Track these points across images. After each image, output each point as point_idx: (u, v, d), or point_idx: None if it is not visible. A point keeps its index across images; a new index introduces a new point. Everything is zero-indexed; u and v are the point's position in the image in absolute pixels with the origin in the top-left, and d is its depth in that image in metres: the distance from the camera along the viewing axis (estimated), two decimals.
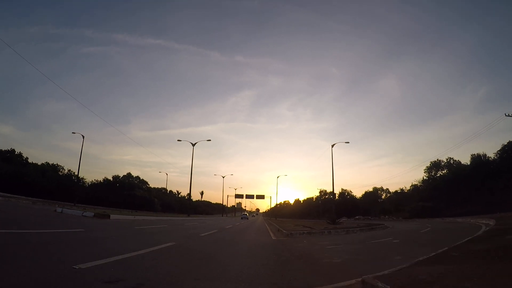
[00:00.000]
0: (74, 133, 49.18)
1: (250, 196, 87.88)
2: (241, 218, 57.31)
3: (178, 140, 44.82)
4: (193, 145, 44.31)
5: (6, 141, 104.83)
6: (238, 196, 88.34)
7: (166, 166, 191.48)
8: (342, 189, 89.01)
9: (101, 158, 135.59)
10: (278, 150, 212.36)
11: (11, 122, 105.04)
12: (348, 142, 43.51)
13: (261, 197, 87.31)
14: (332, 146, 41.64)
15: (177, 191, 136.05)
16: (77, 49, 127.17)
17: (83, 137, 46.70)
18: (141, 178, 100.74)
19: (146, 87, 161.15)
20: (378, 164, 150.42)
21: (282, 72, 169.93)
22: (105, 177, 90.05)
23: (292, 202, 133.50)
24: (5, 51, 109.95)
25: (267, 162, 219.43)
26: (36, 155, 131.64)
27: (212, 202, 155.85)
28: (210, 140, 44.02)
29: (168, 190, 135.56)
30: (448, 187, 56.52)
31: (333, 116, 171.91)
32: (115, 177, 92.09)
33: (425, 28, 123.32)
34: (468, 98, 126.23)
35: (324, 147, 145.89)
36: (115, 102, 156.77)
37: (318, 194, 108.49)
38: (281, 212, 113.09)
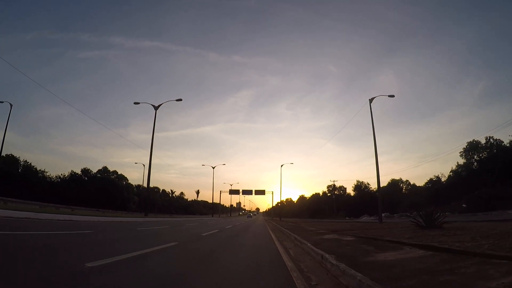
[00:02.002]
0: (2, 102, 35.17)
1: (247, 192, 72.86)
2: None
3: (135, 103, 29.74)
4: (156, 108, 29.28)
5: (5, 146, 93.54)
6: (233, 192, 73.18)
7: (166, 168, 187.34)
8: (357, 181, 73.89)
9: (101, 161, 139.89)
10: (277, 149, 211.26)
11: (10, 127, 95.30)
12: (393, 96, 28.52)
13: (260, 192, 72.25)
14: (371, 100, 26.74)
15: (171, 190, 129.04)
16: (74, 54, 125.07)
17: (11, 105, 33.08)
18: (119, 173, 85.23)
19: (144, 89, 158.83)
20: (378, 161, 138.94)
21: (280, 71, 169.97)
22: (72, 171, 74.82)
23: (295, 199, 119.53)
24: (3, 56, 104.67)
25: (266, 162, 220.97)
26: (35, 159, 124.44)
27: (210, 202, 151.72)
28: (181, 100, 28.84)
29: (161, 189, 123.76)
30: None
31: (332, 114, 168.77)
32: (85, 171, 76.70)
33: (422, 23, 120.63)
34: (467, 93, 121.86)
35: (324, 145, 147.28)
36: (113, 105, 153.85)
37: (326, 190, 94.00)
38: (283, 211, 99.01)
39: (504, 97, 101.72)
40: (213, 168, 63.74)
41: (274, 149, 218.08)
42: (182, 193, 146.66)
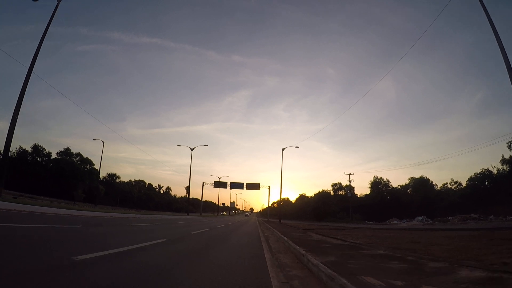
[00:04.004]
0: None
1: (237, 185, 58.21)
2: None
3: None
4: None
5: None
6: (218, 184, 58.40)
7: (160, 165, 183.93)
8: (375, 178, 59.51)
9: (96, 154, 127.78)
10: (273, 151, 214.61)
11: (6, 117, 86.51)
12: None
13: (254, 186, 57.60)
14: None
15: (158, 185, 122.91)
16: (73, 47, 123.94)
17: None
18: (84, 157, 70.07)
19: (142, 85, 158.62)
20: (373, 166, 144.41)
21: (278, 72, 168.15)
22: (20, 147, 59.74)
23: (292, 199, 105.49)
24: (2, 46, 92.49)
25: (262, 163, 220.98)
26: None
27: (200, 199, 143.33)
28: None
29: (147, 183, 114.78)
30: None
31: (329, 118, 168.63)
32: (36, 149, 61.51)
33: (421, 29, 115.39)
34: (465, 101, 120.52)
35: (319, 148, 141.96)
36: (110, 100, 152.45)
37: (331, 189, 79.66)
38: (282, 211, 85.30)
39: (502, 108, 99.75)
40: (192, 149, 49.03)
41: (270, 150, 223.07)
42: (168, 187, 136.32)
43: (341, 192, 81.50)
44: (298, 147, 43.23)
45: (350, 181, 53.60)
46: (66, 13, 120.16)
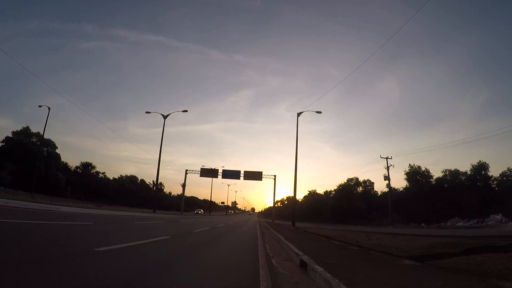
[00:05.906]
0: None
1: (231, 174, 44.83)
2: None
3: None
4: None
5: (1, 133, 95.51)
6: (206, 173, 44.81)
7: (162, 164, 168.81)
8: (410, 166, 45.19)
9: (97, 152, 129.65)
10: (275, 150, 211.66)
11: (9, 115, 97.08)
12: None
13: (254, 176, 44.41)
14: None
15: (153, 181, 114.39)
16: (76, 45, 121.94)
17: None
18: (46, 138, 56.48)
19: (145, 84, 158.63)
20: (375, 168, 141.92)
21: (281, 72, 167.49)
22: None
23: (298, 197, 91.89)
24: (3, 45, 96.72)
25: (264, 163, 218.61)
26: None
27: (200, 198, 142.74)
28: None
29: (139, 179, 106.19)
30: None
31: (332, 118, 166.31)
32: None
33: (425, 31, 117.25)
34: (468, 103, 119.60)
35: (322, 149, 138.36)
36: (113, 99, 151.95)
37: (345, 182, 65.68)
38: (286, 212, 72.40)
39: (506, 110, 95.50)
40: (165, 117, 35.04)
41: (272, 150, 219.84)
42: (161, 183, 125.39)
43: (359, 189, 67.77)
44: (320, 112, 29.53)
45: (388, 167, 39.37)
46: (69, 10, 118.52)
